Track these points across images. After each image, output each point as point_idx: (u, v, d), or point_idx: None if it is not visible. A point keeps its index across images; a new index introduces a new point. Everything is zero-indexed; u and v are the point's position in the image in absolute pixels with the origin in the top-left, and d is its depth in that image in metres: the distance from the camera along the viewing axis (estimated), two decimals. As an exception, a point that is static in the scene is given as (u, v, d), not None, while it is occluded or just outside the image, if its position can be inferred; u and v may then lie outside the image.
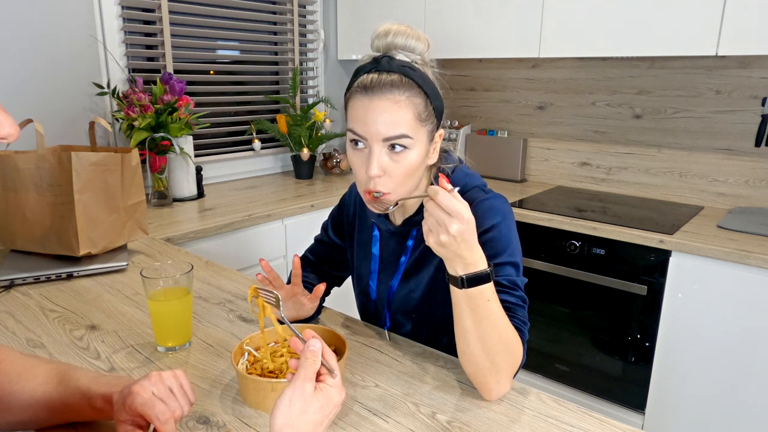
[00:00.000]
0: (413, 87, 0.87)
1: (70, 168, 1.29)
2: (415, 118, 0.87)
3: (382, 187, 0.88)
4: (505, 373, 0.84)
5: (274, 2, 2.61)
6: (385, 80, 0.86)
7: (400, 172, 0.88)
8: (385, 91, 0.85)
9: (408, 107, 0.86)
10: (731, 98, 2.07)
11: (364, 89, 0.86)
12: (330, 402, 0.65)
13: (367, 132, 0.86)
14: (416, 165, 0.89)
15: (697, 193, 2.20)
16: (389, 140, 0.86)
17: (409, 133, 0.86)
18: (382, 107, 0.85)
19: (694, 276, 1.72)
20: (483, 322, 0.80)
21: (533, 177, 2.65)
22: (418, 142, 0.88)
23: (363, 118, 0.86)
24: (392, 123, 0.85)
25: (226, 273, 1.38)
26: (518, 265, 0.93)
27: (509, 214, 0.95)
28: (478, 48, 2.31)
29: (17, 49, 1.80)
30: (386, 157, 0.87)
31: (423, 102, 0.88)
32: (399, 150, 0.87)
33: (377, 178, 0.87)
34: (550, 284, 2.05)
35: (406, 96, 0.86)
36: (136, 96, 1.92)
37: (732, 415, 1.73)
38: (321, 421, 0.63)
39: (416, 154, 0.88)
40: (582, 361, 2.05)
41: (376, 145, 0.86)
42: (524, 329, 0.89)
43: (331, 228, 1.20)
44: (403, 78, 0.86)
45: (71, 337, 1.03)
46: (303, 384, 0.63)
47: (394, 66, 0.87)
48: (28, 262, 1.34)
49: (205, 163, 2.38)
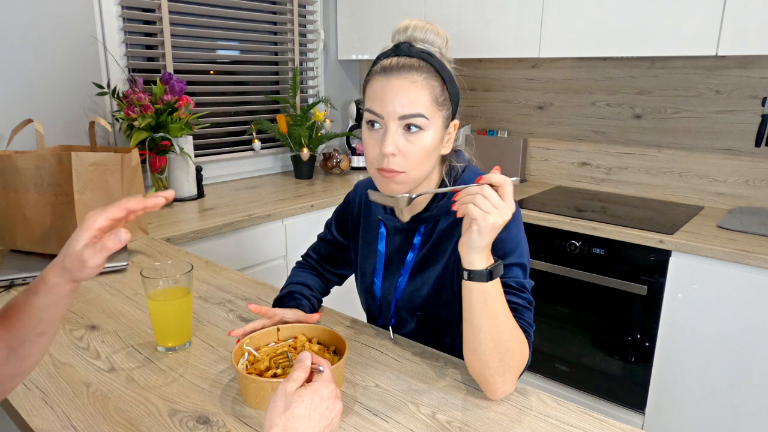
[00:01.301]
0: (431, 70, 0.89)
1: (70, 168, 1.29)
2: (431, 100, 0.88)
3: (395, 166, 0.89)
4: (512, 373, 0.84)
5: (274, 2, 2.61)
6: (404, 63, 0.88)
7: (415, 153, 0.89)
8: (403, 72, 0.88)
9: (425, 88, 0.88)
10: (731, 98, 2.07)
11: (384, 70, 0.89)
12: (316, 394, 0.65)
13: (384, 110, 0.88)
14: (431, 148, 0.90)
15: (697, 193, 2.20)
16: (405, 118, 0.88)
17: (425, 113, 0.88)
18: (399, 86, 0.87)
19: (694, 276, 1.72)
20: (498, 318, 0.81)
21: (533, 177, 2.65)
22: (434, 125, 0.90)
23: (381, 97, 0.88)
24: (409, 102, 0.87)
25: (226, 273, 1.38)
26: (526, 268, 0.93)
27: (518, 216, 0.96)
28: (478, 48, 2.31)
29: (17, 50, 1.80)
30: (401, 137, 0.89)
31: (440, 86, 0.90)
32: (414, 131, 0.88)
33: (391, 157, 0.88)
34: (550, 284, 2.05)
35: (424, 77, 0.88)
36: (136, 96, 1.92)
37: (732, 414, 1.73)
38: (309, 415, 0.63)
39: (431, 136, 0.90)
40: (582, 361, 2.05)
41: (392, 123, 0.88)
42: (530, 331, 0.89)
43: (335, 226, 1.20)
44: (421, 62, 0.89)
45: (71, 337, 1.03)
46: (284, 385, 0.65)
47: (413, 51, 0.90)
48: (28, 262, 1.34)
49: (205, 163, 2.38)
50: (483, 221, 0.76)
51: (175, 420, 0.79)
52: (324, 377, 0.68)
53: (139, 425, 0.78)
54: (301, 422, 0.62)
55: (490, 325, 0.81)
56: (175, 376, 0.91)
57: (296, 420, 0.62)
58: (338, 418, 0.68)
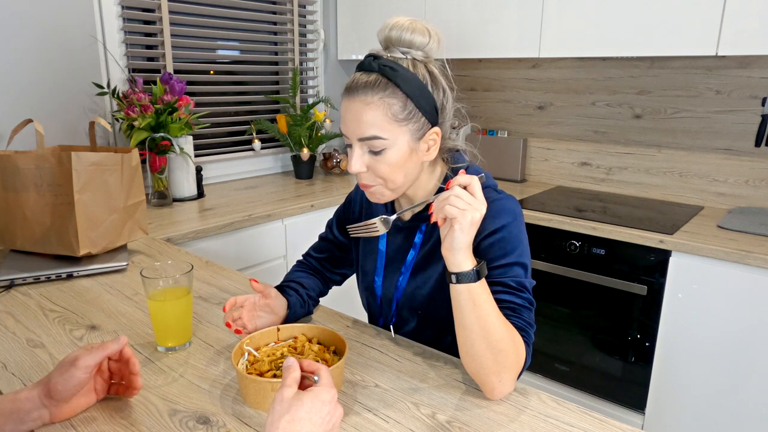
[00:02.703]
0: (389, 87, 0.88)
1: (70, 168, 1.29)
2: (389, 119, 0.88)
3: (367, 181, 0.94)
4: (508, 373, 0.84)
5: (274, 2, 2.61)
6: (361, 81, 0.89)
7: (382, 169, 0.91)
8: (359, 93, 0.89)
9: (379, 108, 0.88)
10: (731, 98, 2.07)
11: (347, 90, 0.91)
12: (317, 399, 0.65)
13: (347, 131, 0.92)
14: (399, 162, 0.91)
15: (697, 193, 2.20)
16: (364, 141, 0.90)
17: (380, 134, 0.88)
18: (355, 109, 0.89)
19: (694, 276, 1.72)
20: (489, 318, 0.81)
21: (533, 177, 2.65)
22: (396, 142, 0.90)
23: (344, 118, 0.92)
24: (363, 124, 0.89)
25: (226, 273, 1.38)
26: (527, 267, 0.93)
27: (520, 216, 0.96)
28: (478, 48, 2.31)
29: (17, 49, 1.80)
30: (368, 155, 0.91)
31: (400, 102, 0.88)
32: (377, 149, 0.90)
33: (362, 173, 0.93)
34: (550, 284, 2.05)
35: (379, 97, 0.88)
36: (136, 96, 1.92)
37: (732, 414, 1.73)
38: (310, 418, 0.63)
39: (395, 153, 0.90)
40: (582, 361, 2.05)
41: (355, 143, 0.91)
42: (529, 331, 0.89)
43: (336, 226, 1.21)
44: (380, 78, 0.88)
45: (71, 337, 1.03)
46: (281, 392, 0.66)
47: (374, 66, 0.89)
48: (28, 262, 1.34)
49: (205, 163, 2.38)
50: (462, 218, 0.78)
51: (175, 420, 0.79)
52: (324, 382, 0.68)
53: (139, 425, 0.78)
54: (302, 425, 0.62)
55: (481, 325, 0.81)
56: (175, 376, 0.91)
57: (297, 423, 0.62)
58: (339, 424, 0.68)
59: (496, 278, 0.90)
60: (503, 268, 0.90)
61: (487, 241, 0.92)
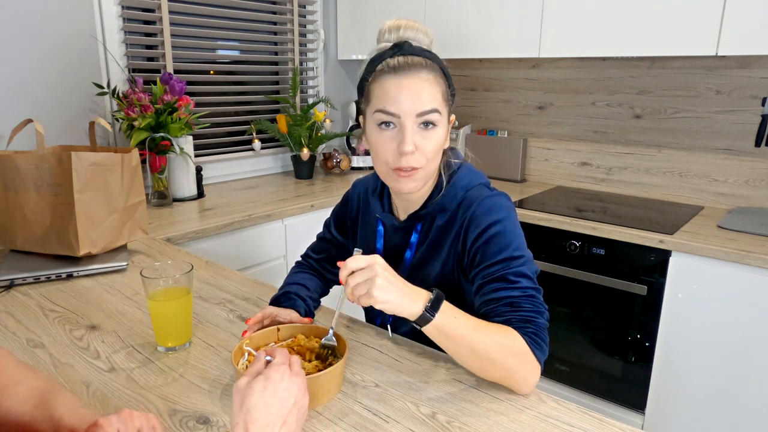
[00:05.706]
0: (436, 69, 0.92)
1: (70, 168, 1.29)
2: (442, 97, 0.92)
3: (415, 162, 0.91)
4: (519, 372, 0.83)
5: (274, 2, 2.61)
6: (412, 62, 0.90)
7: (431, 148, 0.92)
8: (414, 71, 0.90)
9: (435, 85, 0.91)
10: (731, 98, 2.07)
11: (394, 70, 0.90)
12: (268, 380, 0.65)
13: (400, 109, 0.90)
14: (443, 142, 0.95)
15: (697, 193, 2.20)
16: (423, 115, 0.90)
17: (439, 108, 0.91)
18: (414, 85, 0.89)
19: (694, 276, 1.72)
20: (466, 340, 0.81)
21: (533, 177, 2.65)
22: (444, 120, 0.94)
23: (395, 96, 0.90)
24: (425, 99, 0.89)
25: (226, 273, 1.38)
26: (526, 257, 0.92)
27: (512, 212, 0.97)
28: (478, 48, 2.31)
29: (17, 49, 1.80)
30: (418, 134, 0.91)
31: (445, 83, 0.94)
32: (429, 127, 0.91)
33: (410, 155, 0.90)
34: (550, 284, 2.05)
35: (433, 76, 0.91)
36: (136, 96, 1.92)
37: (732, 414, 1.73)
38: (266, 402, 0.62)
39: (443, 131, 0.94)
40: (582, 361, 2.05)
41: (408, 121, 0.90)
42: (536, 319, 0.87)
43: (333, 225, 1.21)
44: (427, 60, 0.92)
45: (71, 337, 1.03)
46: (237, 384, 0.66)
47: (416, 50, 0.92)
48: (28, 262, 1.34)
49: (205, 163, 2.38)
50: (375, 295, 0.77)
51: (175, 420, 0.79)
52: (273, 362, 0.68)
53: (139, 425, 0.78)
54: (259, 412, 0.61)
55: (463, 348, 0.82)
56: (175, 376, 0.91)
57: (254, 411, 0.61)
58: (304, 394, 0.68)
59: (495, 274, 0.90)
60: (502, 262, 0.90)
61: (483, 238, 0.92)
